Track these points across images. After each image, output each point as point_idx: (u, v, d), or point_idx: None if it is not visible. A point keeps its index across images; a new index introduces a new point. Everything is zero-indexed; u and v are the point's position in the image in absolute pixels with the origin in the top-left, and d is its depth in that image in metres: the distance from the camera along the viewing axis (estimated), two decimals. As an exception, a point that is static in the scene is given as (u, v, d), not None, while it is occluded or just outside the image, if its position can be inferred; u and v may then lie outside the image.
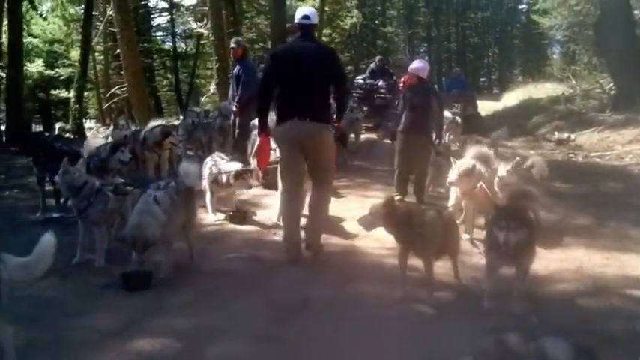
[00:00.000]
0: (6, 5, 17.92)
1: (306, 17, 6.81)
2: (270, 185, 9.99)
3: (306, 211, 7.37)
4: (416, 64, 9.73)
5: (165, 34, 37.79)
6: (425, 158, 9.48)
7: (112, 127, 11.50)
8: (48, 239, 4.48)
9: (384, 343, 4.83)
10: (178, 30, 37.47)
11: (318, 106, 6.71)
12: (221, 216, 8.58)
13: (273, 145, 7.58)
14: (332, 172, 7.37)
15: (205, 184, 8.28)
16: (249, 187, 8.63)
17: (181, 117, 13.51)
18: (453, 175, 7.67)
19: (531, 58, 59.66)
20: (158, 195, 6.25)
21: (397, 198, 8.75)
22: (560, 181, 10.93)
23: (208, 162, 8.68)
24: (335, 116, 7.41)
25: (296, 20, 6.95)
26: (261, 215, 8.76)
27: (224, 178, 8.28)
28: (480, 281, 5.82)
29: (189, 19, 32.41)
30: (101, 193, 6.76)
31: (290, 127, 6.66)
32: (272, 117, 7.19)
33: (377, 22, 48.55)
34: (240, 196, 9.35)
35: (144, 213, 6.07)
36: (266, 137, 7.24)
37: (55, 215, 8.38)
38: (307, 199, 7.33)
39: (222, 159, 8.65)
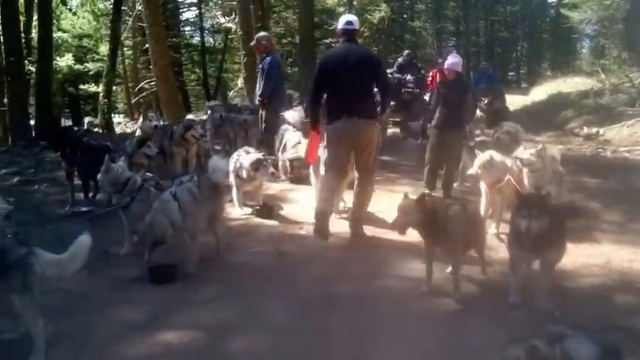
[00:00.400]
0: (36, 0, 18.13)
1: (349, 23, 7.48)
2: (297, 180, 10.02)
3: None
4: (453, 59, 9.59)
5: (193, 28, 38.01)
6: (457, 153, 9.44)
7: (140, 119, 11.57)
8: (84, 240, 4.62)
9: (409, 339, 4.82)
10: (206, 24, 37.66)
11: (365, 105, 7.31)
12: (248, 210, 8.61)
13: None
14: (374, 166, 7.89)
15: (231, 178, 8.32)
16: (271, 175, 8.63)
17: (209, 111, 13.49)
18: (473, 167, 7.64)
19: (560, 52, 58.84)
20: (177, 191, 6.35)
21: (426, 192, 8.75)
22: (589, 176, 10.82)
23: (234, 156, 8.70)
24: (379, 110, 7.84)
25: (340, 26, 7.58)
26: (287, 210, 8.77)
27: (244, 172, 8.31)
28: (507, 276, 5.77)
29: (217, 13, 32.42)
30: (144, 188, 6.94)
31: (340, 125, 7.25)
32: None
33: (405, 16, 48.22)
34: (267, 191, 9.39)
35: (158, 212, 6.20)
36: (317, 133, 7.75)
37: (84, 209, 8.47)
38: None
39: (248, 152, 8.65)
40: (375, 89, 7.79)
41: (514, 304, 5.37)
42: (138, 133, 10.86)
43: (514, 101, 23.16)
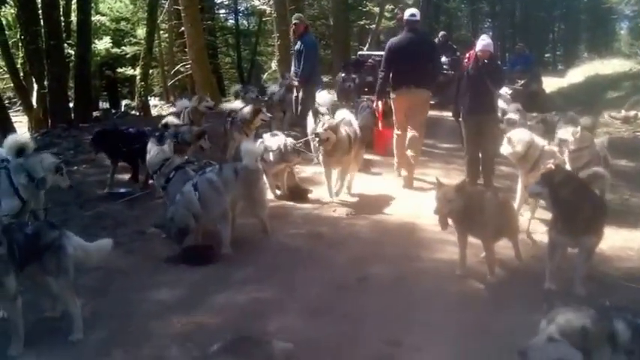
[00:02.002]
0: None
1: (412, 15, 9.55)
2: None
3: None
4: (487, 40, 9.10)
5: (227, 11, 37.98)
6: (493, 139, 8.76)
7: (194, 100, 11.38)
8: (107, 243, 4.96)
9: (442, 321, 4.87)
10: (241, 7, 37.65)
11: (421, 78, 9.29)
12: (278, 192, 8.70)
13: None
14: (425, 121, 9.84)
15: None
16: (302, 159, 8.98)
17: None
18: (504, 146, 7.57)
19: (598, 33, 57.77)
20: (198, 181, 6.45)
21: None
22: (626, 160, 10.67)
23: (259, 140, 8.74)
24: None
25: (405, 17, 9.67)
26: (321, 192, 8.81)
27: (271, 156, 8.40)
28: (542, 261, 5.76)
29: (251, -5, 32.45)
30: (181, 170, 7.01)
31: (403, 92, 9.37)
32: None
33: (440, -3, 47.83)
34: (301, 174, 9.44)
35: (179, 205, 6.28)
36: (384, 102, 10.19)
37: (122, 190, 8.60)
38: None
39: (276, 135, 8.78)
40: None
41: (549, 289, 5.37)
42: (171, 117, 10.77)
43: (550, 83, 22.79)
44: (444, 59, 17.38)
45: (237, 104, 11.08)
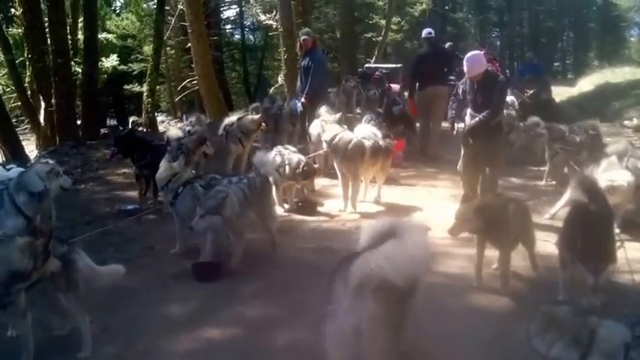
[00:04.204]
0: (81, 2, 18.40)
1: (429, 33, 12.75)
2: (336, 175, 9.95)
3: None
4: (474, 57, 7.74)
5: (234, 26, 38.20)
6: (498, 157, 8.03)
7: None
8: (119, 269, 4.97)
9: (454, 334, 4.79)
10: (247, 22, 37.88)
11: (439, 80, 12.17)
12: (286, 206, 8.63)
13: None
14: (444, 114, 11.38)
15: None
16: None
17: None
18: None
19: (608, 41, 57.52)
20: (231, 191, 6.39)
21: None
22: (639, 170, 10.54)
23: (273, 153, 8.65)
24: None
25: (423, 35, 12.96)
26: (330, 205, 8.75)
27: (287, 169, 8.34)
28: (555, 272, 5.67)
29: (257, 11, 32.58)
30: (189, 185, 6.91)
31: (425, 90, 12.05)
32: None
33: (447, 7, 47.85)
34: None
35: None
36: (412, 100, 12.54)
37: (130, 207, 8.57)
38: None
39: (287, 149, 8.73)
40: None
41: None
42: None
43: (560, 92, 22.70)
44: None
45: (232, 117, 10.99)
